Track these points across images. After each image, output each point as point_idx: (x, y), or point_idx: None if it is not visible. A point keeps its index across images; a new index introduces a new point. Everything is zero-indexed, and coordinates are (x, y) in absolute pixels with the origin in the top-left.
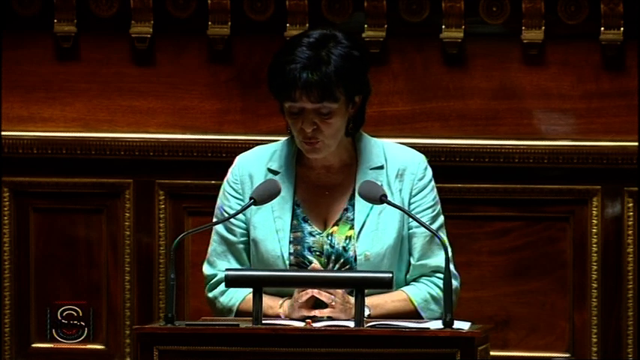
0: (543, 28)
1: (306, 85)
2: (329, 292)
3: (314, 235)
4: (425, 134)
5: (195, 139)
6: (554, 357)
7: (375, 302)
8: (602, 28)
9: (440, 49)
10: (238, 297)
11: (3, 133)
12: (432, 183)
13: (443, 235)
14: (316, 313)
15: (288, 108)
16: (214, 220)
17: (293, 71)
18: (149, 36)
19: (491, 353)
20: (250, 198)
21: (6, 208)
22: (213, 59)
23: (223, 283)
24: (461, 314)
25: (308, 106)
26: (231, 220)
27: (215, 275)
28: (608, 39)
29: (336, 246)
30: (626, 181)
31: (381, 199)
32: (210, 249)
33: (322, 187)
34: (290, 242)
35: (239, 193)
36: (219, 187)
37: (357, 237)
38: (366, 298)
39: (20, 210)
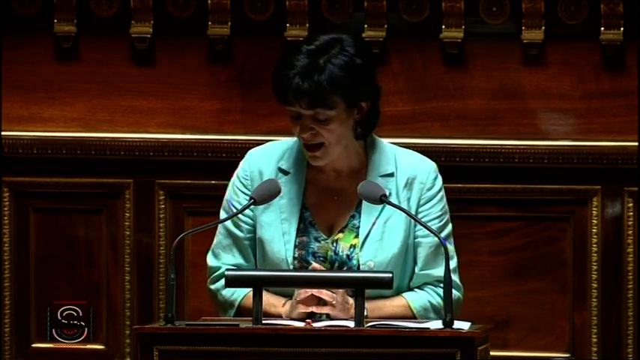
0: (543, 28)
1: (296, 92)
2: (330, 291)
3: (319, 241)
4: (425, 134)
5: (195, 139)
6: (554, 357)
7: (374, 305)
8: (602, 28)
9: (440, 49)
10: (241, 292)
11: (3, 133)
12: (442, 193)
13: (450, 245)
14: (315, 309)
15: (288, 112)
16: (222, 212)
17: (286, 77)
18: (149, 36)
19: (491, 353)
20: (250, 198)
21: (6, 208)
22: (213, 59)
23: None
24: (461, 314)
25: (304, 112)
26: (239, 215)
27: (219, 268)
28: (608, 39)
29: (340, 253)
30: (626, 181)
31: (381, 199)
32: (215, 240)
33: (331, 191)
34: (295, 246)
35: (248, 189)
36: (219, 186)
37: (362, 246)
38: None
39: (20, 210)
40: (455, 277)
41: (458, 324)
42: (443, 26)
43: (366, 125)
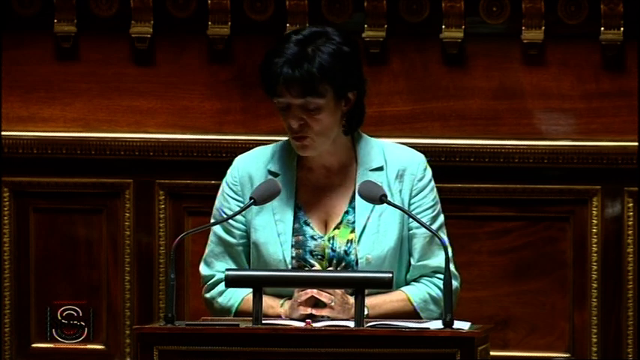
0: (543, 28)
1: (287, 81)
2: (328, 293)
3: (315, 239)
4: (425, 134)
5: (195, 139)
6: (554, 357)
7: (374, 302)
8: (602, 28)
9: (440, 49)
10: (237, 298)
11: (3, 133)
12: (432, 183)
13: (443, 235)
14: (314, 311)
15: (277, 104)
16: (212, 220)
17: (276, 66)
18: (149, 36)
19: (491, 353)
20: (250, 198)
21: (6, 208)
22: (213, 59)
23: (221, 284)
24: (461, 314)
25: (293, 102)
26: (231, 221)
27: (213, 276)
28: (608, 39)
29: (338, 250)
30: (626, 181)
31: (381, 199)
32: (207, 250)
33: (322, 189)
34: (292, 246)
35: (239, 195)
36: (219, 187)
37: (359, 240)
38: (365, 298)
39: (20, 210)
40: (451, 267)
41: (458, 324)
42: (443, 26)
43: (352, 119)
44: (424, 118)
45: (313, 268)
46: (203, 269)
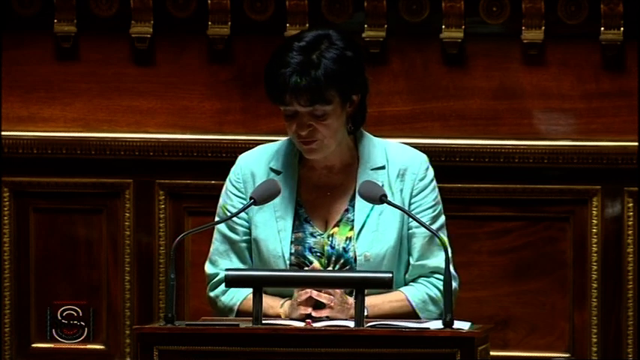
0: (543, 28)
1: (295, 90)
2: (328, 293)
3: (315, 236)
4: (425, 134)
5: (195, 139)
6: (554, 357)
7: (373, 303)
8: (602, 28)
9: (440, 49)
10: (240, 296)
11: (3, 133)
12: (434, 183)
13: (443, 235)
14: (314, 313)
15: (283, 111)
16: (217, 218)
17: (283, 76)
18: (149, 36)
19: (491, 353)
20: (250, 198)
21: (6, 208)
22: (213, 59)
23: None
24: (461, 314)
25: (300, 110)
26: (234, 219)
27: (217, 274)
28: (608, 39)
29: (337, 247)
30: (626, 181)
31: (381, 199)
32: (212, 248)
33: (324, 187)
34: (291, 242)
35: (242, 192)
36: (219, 187)
37: (357, 238)
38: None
39: (20, 210)
40: (450, 268)
41: (458, 324)
42: (443, 26)
43: (356, 119)
44: (424, 118)
45: (311, 266)
46: (208, 268)
